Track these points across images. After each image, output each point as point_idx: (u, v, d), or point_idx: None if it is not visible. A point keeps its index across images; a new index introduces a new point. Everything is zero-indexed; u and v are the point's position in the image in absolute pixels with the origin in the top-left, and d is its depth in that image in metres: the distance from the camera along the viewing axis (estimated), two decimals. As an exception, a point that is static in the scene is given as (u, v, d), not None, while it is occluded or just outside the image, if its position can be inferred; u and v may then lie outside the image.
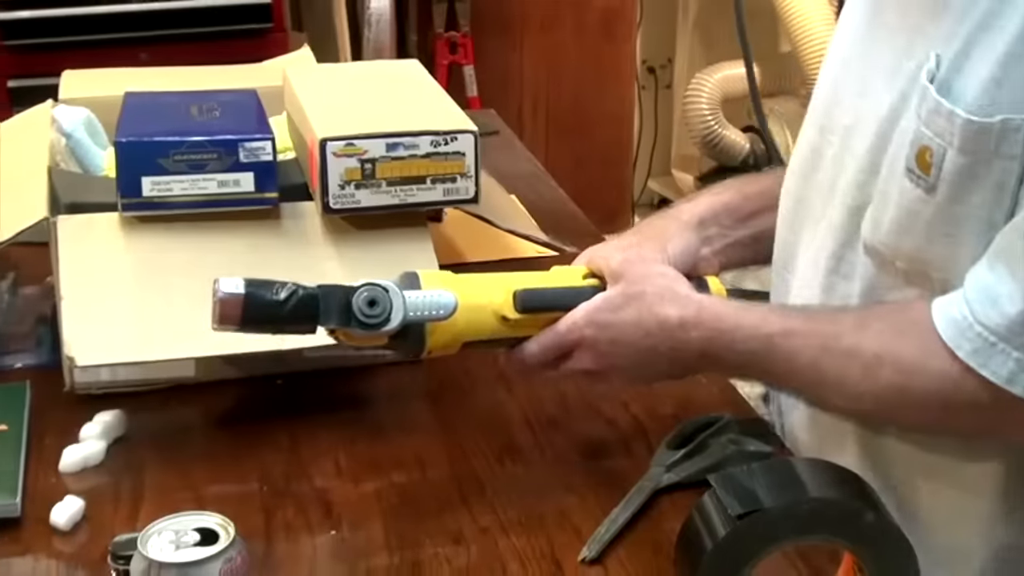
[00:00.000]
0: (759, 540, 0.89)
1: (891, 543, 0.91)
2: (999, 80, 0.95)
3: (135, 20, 3.02)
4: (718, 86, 3.86)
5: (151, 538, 0.87)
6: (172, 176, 1.23)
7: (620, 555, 1.06)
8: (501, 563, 1.05)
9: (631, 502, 1.11)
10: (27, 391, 1.26)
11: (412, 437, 1.24)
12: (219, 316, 0.99)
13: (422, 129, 1.25)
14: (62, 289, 1.20)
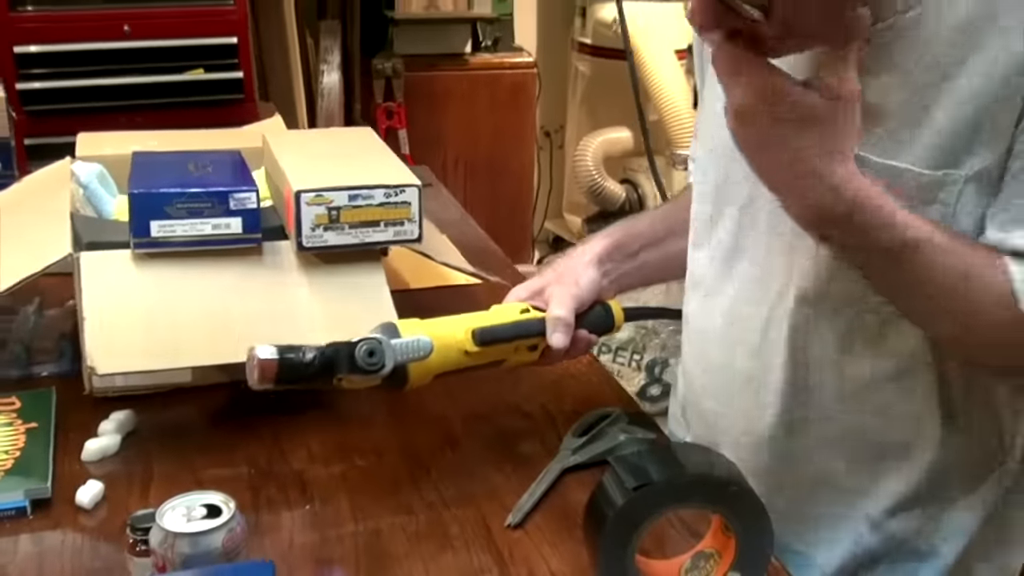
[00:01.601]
0: (649, 508, 0.89)
1: (751, 507, 0.90)
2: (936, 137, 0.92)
3: (133, 91, 2.95)
4: (600, 147, 3.85)
5: (166, 513, 0.86)
6: (175, 220, 1.20)
7: (537, 521, 1.06)
8: (444, 530, 1.04)
9: (544, 479, 1.11)
10: (52, 395, 1.23)
11: (370, 430, 1.22)
12: (258, 377, 0.98)
13: (377, 183, 1.23)
14: (84, 311, 1.16)
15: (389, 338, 1.02)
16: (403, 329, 1.04)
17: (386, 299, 1.25)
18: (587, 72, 4.02)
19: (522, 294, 1.17)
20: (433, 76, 3.70)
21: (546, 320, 1.11)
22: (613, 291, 1.21)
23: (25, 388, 1.25)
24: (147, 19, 3.04)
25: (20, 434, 1.14)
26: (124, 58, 3.02)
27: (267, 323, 1.21)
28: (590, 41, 3.95)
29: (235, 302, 1.22)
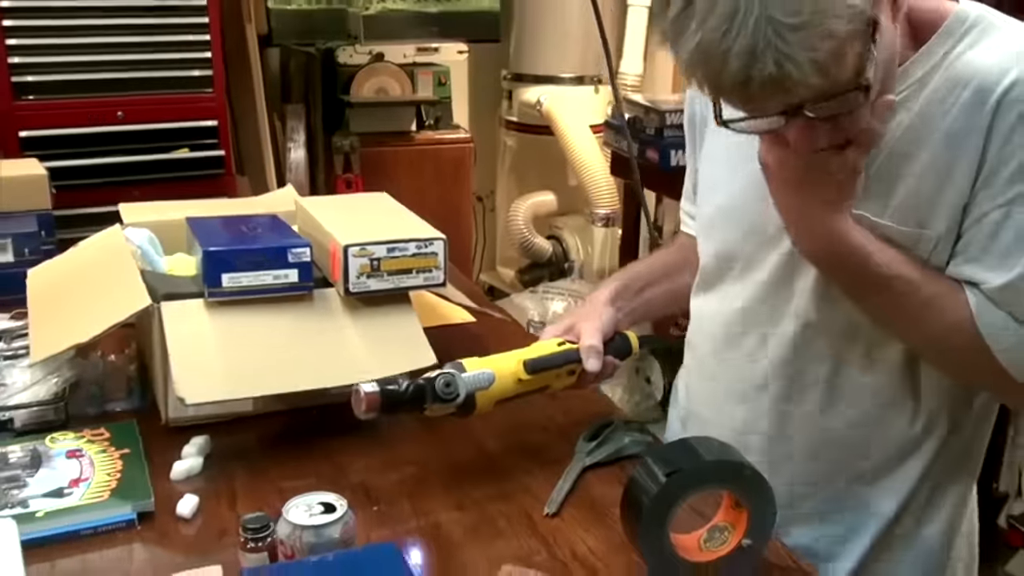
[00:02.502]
0: (679, 491, 0.93)
1: (758, 486, 0.96)
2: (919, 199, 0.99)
3: (127, 168, 2.95)
4: (529, 209, 3.87)
5: (291, 510, 0.89)
6: (242, 272, 1.22)
7: (569, 511, 1.10)
8: (493, 521, 1.08)
9: (569, 476, 1.15)
10: (135, 426, 1.24)
11: (412, 446, 1.25)
12: (364, 408, 1.04)
13: (410, 237, 1.28)
14: (169, 352, 1.17)
15: (459, 372, 1.08)
16: (467, 365, 1.10)
17: (420, 334, 1.29)
18: (513, 145, 4.07)
19: (555, 331, 1.23)
20: (384, 151, 3.69)
21: (581, 349, 1.17)
22: (627, 324, 1.28)
23: (102, 422, 1.25)
24: (138, 105, 3.04)
25: (116, 459, 1.15)
26: (118, 140, 3.02)
27: (321, 357, 1.25)
28: (516, 119, 4.00)
29: (293, 340, 1.25)
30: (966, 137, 0.96)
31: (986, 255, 0.98)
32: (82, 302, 1.32)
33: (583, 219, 3.83)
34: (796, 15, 0.79)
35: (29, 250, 1.67)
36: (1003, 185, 0.95)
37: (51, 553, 0.99)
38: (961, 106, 0.96)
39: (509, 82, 4.03)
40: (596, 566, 1.00)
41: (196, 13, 3.05)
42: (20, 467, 1.12)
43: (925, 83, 0.99)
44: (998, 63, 0.95)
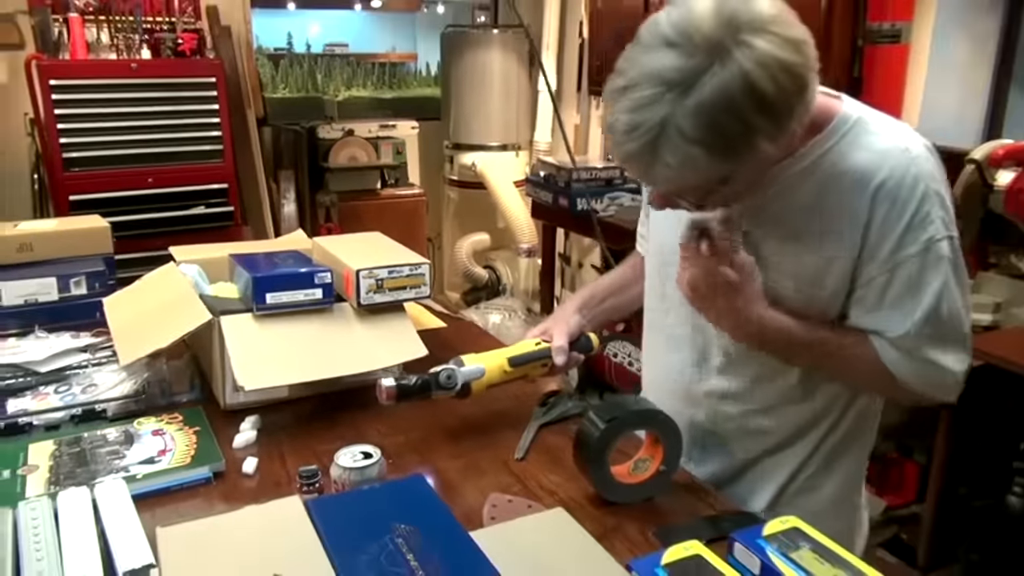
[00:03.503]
0: (615, 432, 1.01)
1: (671, 427, 1.04)
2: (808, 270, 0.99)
3: (156, 223, 2.95)
4: (469, 246, 3.92)
5: (340, 456, 0.94)
6: (281, 292, 1.26)
7: (533, 455, 1.16)
8: (478, 465, 1.13)
9: (529, 431, 1.21)
10: (201, 411, 1.26)
11: (414, 415, 1.26)
12: (385, 397, 1.10)
13: (404, 263, 1.33)
14: (229, 352, 1.20)
15: (458, 367, 1.14)
16: (466, 360, 1.16)
17: (413, 333, 1.34)
18: (455, 198, 4.13)
19: (534, 332, 1.26)
20: (357, 204, 3.72)
21: (552, 348, 1.21)
22: (591, 327, 1.27)
23: (173, 410, 1.27)
24: (164, 173, 3.05)
25: (191, 435, 1.18)
26: (149, 200, 3.02)
27: (340, 353, 1.28)
28: (457, 177, 4.07)
29: (319, 341, 1.29)
30: (850, 220, 0.95)
31: (880, 308, 0.98)
32: (154, 319, 1.33)
33: (511, 252, 3.91)
34: (669, 165, 0.84)
35: (99, 285, 1.67)
36: (885, 258, 0.95)
37: (151, 504, 1.01)
38: (843, 193, 0.95)
39: (450, 149, 4.09)
40: (557, 492, 1.06)
41: (209, 101, 3.07)
42: (118, 444, 1.14)
43: (812, 172, 0.97)
44: (872, 160, 0.94)
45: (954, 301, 0.97)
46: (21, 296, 1.60)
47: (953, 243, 0.96)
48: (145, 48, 3.09)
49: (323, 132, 3.70)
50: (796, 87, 0.83)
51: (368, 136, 3.80)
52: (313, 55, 5.27)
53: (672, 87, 0.81)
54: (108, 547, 0.85)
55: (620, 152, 0.87)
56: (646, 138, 0.83)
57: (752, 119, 0.82)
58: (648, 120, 0.82)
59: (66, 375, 1.33)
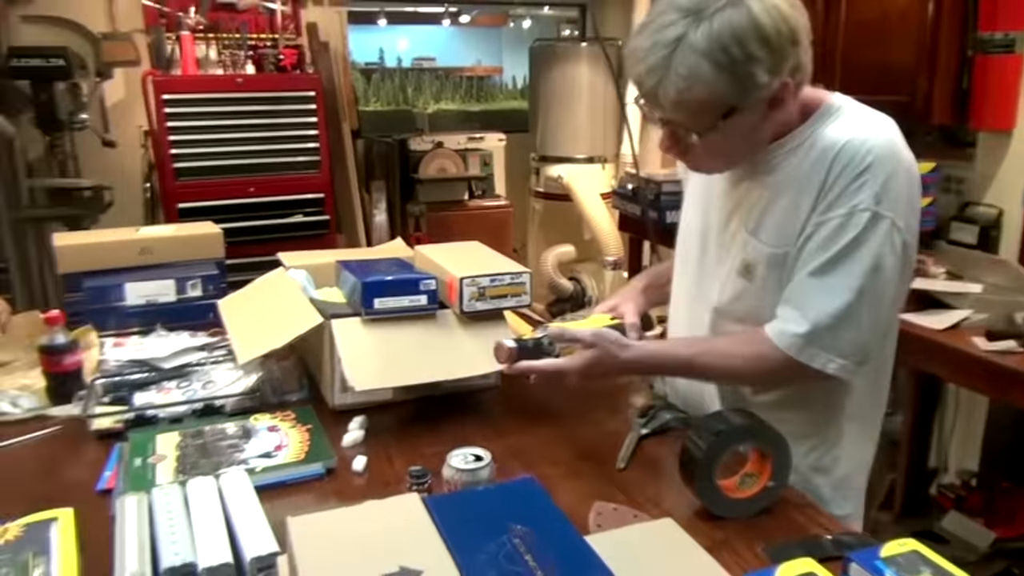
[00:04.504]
0: (722, 448, 1.00)
1: (778, 441, 1.03)
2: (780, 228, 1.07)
3: (257, 230, 3.07)
4: (555, 257, 3.93)
5: (452, 458, 0.96)
6: (388, 297, 1.31)
7: (634, 465, 1.16)
8: (580, 473, 1.14)
9: (630, 443, 1.21)
10: (312, 410, 1.31)
11: (512, 423, 1.30)
12: (505, 358, 1.13)
13: (506, 271, 1.36)
14: (340, 354, 1.24)
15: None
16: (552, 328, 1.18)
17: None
18: (541, 209, 4.15)
19: (603, 308, 1.32)
20: (445, 215, 3.79)
21: (625, 325, 1.24)
22: (648, 306, 1.36)
23: (284, 408, 1.32)
24: (265, 183, 3.18)
25: (303, 432, 1.23)
26: (250, 209, 3.14)
27: (442, 358, 1.32)
28: (542, 189, 4.10)
29: (422, 346, 1.33)
30: (810, 181, 1.05)
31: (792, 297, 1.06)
32: (268, 321, 1.40)
33: (596, 264, 3.90)
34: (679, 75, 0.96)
35: (212, 287, 1.76)
36: (819, 212, 1.04)
37: (269, 497, 1.03)
38: (811, 162, 1.05)
39: (537, 162, 4.13)
40: (661, 503, 1.07)
41: (307, 114, 3.19)
42: (236, 438, 1.20)
43: (795, 151, 1.07)
44: (840, 134, 1.04)
45: (849, 275, 1.02)
46: (143, 296, 1.71)
47: (877, 222, 1.01)
48: (249, 63, 3.25)
49: (414, 144, 3.78)
50: (791, 37, 0.99)
51: (457, 148, 3.87)
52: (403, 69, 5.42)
53: (688, 14, 0.96)
54: (234, 534, 0.90)
55: (636, 71, 1.00)
56: (662, 52, 0.97)
57: (754, 50, 0.96)
58: (666, 36, 0.97)
59: (186, 372, 1.41)
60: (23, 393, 1.36)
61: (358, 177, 3.58)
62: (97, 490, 1.10)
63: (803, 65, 1.02)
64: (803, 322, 1.04)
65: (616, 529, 0.93)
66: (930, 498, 2.45)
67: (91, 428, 1.26)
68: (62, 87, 2.88)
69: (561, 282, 3.94)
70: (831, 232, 1.03)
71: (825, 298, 1.03)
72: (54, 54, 2.81)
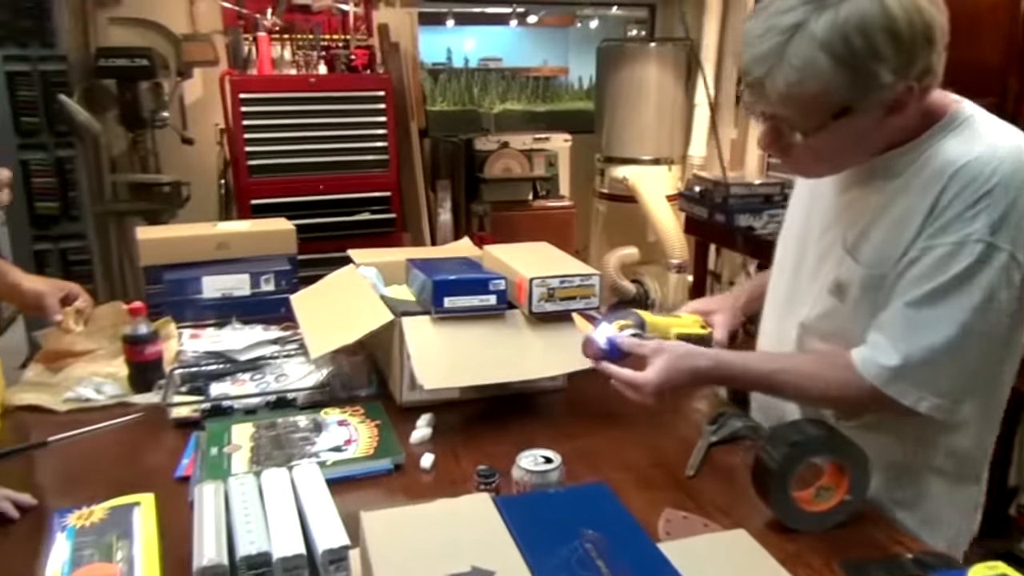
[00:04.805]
0: (798, 459, 0.97)
1: (857, 454, 0.99)
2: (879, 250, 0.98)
3: (326, 227, 3.12)
4: (617, 259, 3.90)
5: (522, 459, 0.96)
6: (457, 297, 1.31)
7: (704, 473, 1.14)
8: (650, 480, 1.12)
9: (700, 449, 1.19)
10: (381, 406, 1.32)
11: (579, 425, 1.29)
12: (592, 355, 1.13)
13: (576, 273, 1.35)
14: (410, 352, 1.25)
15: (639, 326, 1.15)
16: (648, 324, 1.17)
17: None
18: (604, 211, 4.12)
19: (694, 307, 1.28)
20: (509, 215, 3.78)
21: (714, 341, 1.22)
22: (747, 320, 1.31)
23: (353, 403, 1.34)
24: (334, 181, 3.23)
25: (372, 427, 1.24)
26: (319, 206, 3.20)
27: (511, 358, 1.32)
28: (607, 191, 4.07)
29: (491, 346, 1.33)
30: (921, 201, 0.95)
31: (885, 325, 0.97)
32: (339, 316, 1.42)
33: (660, 267, 3.85)
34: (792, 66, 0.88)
35: (284, 283, 1.80)
36: (932, 233, 0.94)
37: (338, 489, 1.05)
38: (925, 179, 0.96)
39: (601, 163, 4.10)
40: (732, 513, 1.04)
41: (377, 113, 3.23)
42: (308, 431, 1.23)
43: (914, 161, 0.97)
44: (963, 148, 0.94)
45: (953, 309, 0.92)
46: (219, 290, 1.75)
47: (992, 254, 0.91)
48: (322, 64, 3.31)
49: (479, 144, 3.79)
50: (925, 35, 0.89)
51: (522, 148, 3.86)
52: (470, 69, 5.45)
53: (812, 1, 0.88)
54: (306, 526, 0.92)
55: (748, 55, 0.92)
56: (778, 39, 0.89)
57: (880, 45, 0.87)
58: (783, 22, 0.89)
59: (260, 364, 1.44)
60: (107, 381, 1.41)
61: (424, 176, 3.61)
62: (175, 477, 1.13)
63: (934, 69, 0.92)
64: (894, 354, 0.95)
65: (687, 538, 0.92)
66: (1010, 518, 2.35)
67: (170, 416, 1.30)
68: (145, 86, 2.99)
69: (624, 284, 3.91)
70: (937, 261, 0.93)
71: (923, 331, 0.94)
72: (139, 54, 2.92)
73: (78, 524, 0.95)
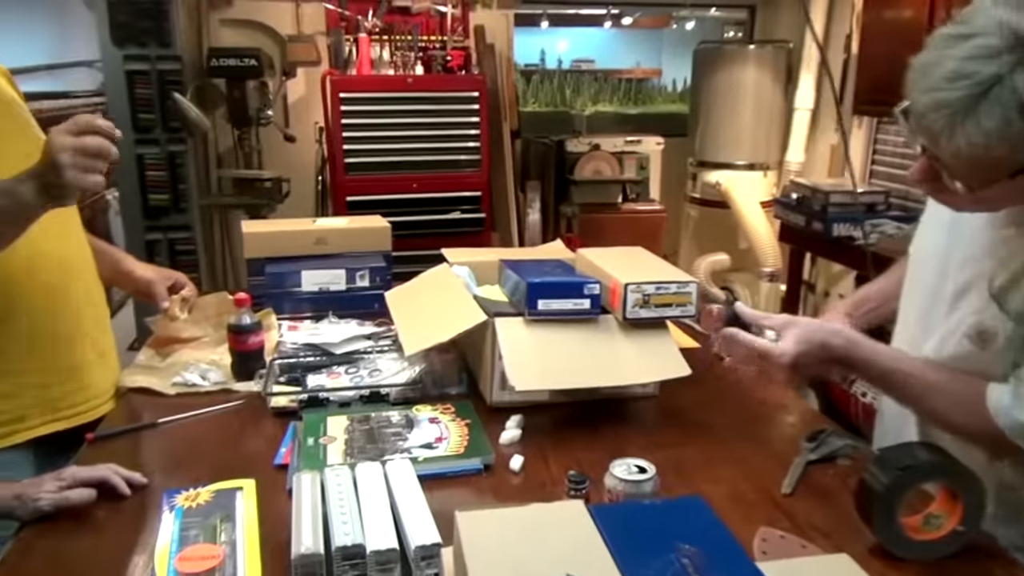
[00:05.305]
0: (906, 484, 0.93)
1: (972, 481, 0.94)
2: None
3: (418, 224, 3.17)
4: (708, 266, 3.85)
5: (615, 468, 0.95)
6: (552, 299, 1.30)
7: (801, 492, 1.10)
8: (743, 495, 1.09)
9: (797, 467, 1.15)
10: (471, 405, 1.33)
11: (670, 434, 1.27)
12: (717, 319, 1.12)
13: (673, 280, 1.32)
14: (503, 353, 1.25)
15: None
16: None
17: (676, 352, 1.32)
18: (695, 215, 4.06)
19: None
20: (598, 217, 3.76)
21: None
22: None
23: (443, 401, 1.35)
24: (427, 180, 3.27)
25: (463, 426, 1.25)
26: (412, 204, 3.25)
27: (603, 364, 1.30)
28: (698, 195, 4.00)
29: (583, 350, 1.31)
30: None
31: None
32: (434, 314, 1.44)
33: (751, 275, 3.76)
34: (980, 126, 0.79)
35: (379, 279, 1.83)
36: None
37: (427, 486, 1.07)
38: None
39: (694, 167, 4.04)
40: (831, 535, 1.00)
41: (471, 114, 3.26)
42: (400, 426, 1.24)
43: None
44: None
45: None
46: (316, 284, 1.80)
47: None
48: (419, 64, 3.36)
49: (571, 145, 3.79)
50: None
51: (613, 151, 3.84)
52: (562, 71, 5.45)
53: (1019, 46, 0.77)
54: (399, 521, 0.93)
55: (929, 99, 0.82)
56: (970, 91, 0.79)
57: None
58: (980, 72, 0.78)
59: (355, 358, 1.48)
60: (211, 367, 1.47)
61: (514, 177, 3.63)
62: (274, 464, 1.17)
63: None
64: None
65: (786, 560, 0.88)
66: None
67: (268, 405, 1.34)
68: (253, 85, 3.11)
69: (713, 291, 3.83)
70: None
71: None
72: (248, 55, 3.04)
73: (185, 505, 0.99)
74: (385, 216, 2.05)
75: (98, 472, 1.08)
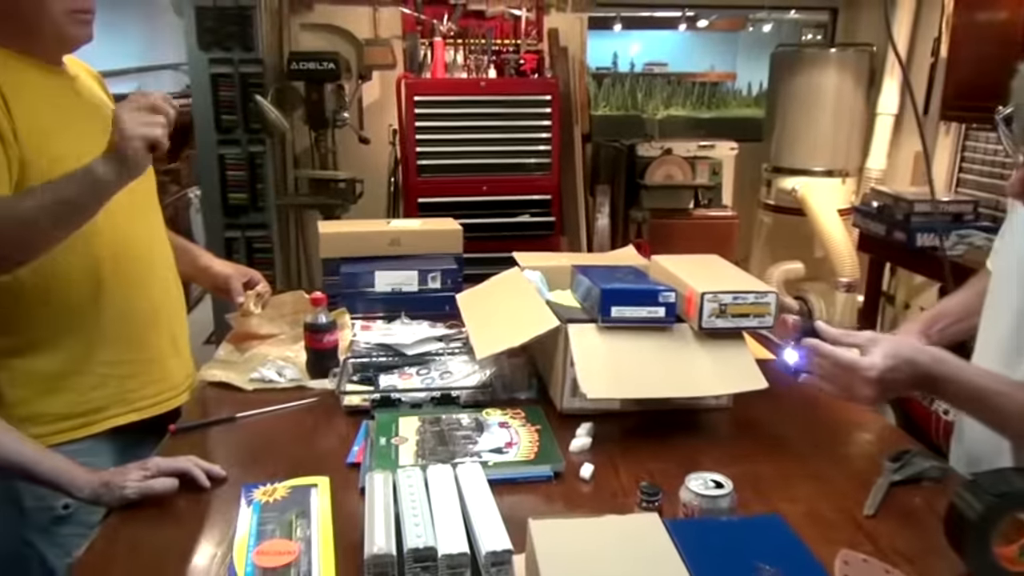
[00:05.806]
0: (1001, 512, 0.88)
1: None
2: None
3: (487, 227, 3.17)
4: (781, 274, 3.75)
5: (691, 481, 0.93)
6: (625, 307, 1.29)
7: (883, 515, 1.06)
8: (822, 515, 1.05)
9: (880, 487, 1.11)
10: (541, 411, 1.32)
11: (746, 447, 1.25)
12: (792, 329, 1.11)
13: (751, 289, 1.29)
14: (575, 359, 1.24)
15: None
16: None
17: (752, 363, 1.29)
18: (769, 222, 3.95)
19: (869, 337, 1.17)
20: (668, 223, 3.72)
21: None
22: None
23: (513, 406, 1.34)
24: (497, 182, 3.28)
25: (533, 432, 1.25)
26: (482, 206, 3.26)
27: (677, 374, 1.28)
28: (773, 202, 3.90)
29: (657, 359, 1.29)
30: None
31: None
32: (505, 318, 1.43)
33: (827, 285, 3.64)
34: None
35: (450, 281, 1.84)
36: None
37: (497, 491, 1.06)
38: None
39: (769, 172, 3.93)
40: (916, 561, 0.96)
41: (542, 117, 3.25)
42: (470, 429, 1.25)
43: None
44: None
45: None
46: (389, 285, 1.83)
47: None
48: (492, 68, 3.38)
49: (642, 150, 3.75)
50: None
51: (686, 155, 3.79)
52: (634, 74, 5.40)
53: None
54: (469, 525, 0.93)
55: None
56: None
57: None
58: None
59: (426, 360, 1.49)
60: (287, 364, 1.50)
61: (584, 181, 3.61)
62: (347, 463, 1.18)
63: None
64: None
65: (869, 585, 0.85)
66: None
67: (342, 403, 1.36)
68: (330, 88, 3.18)
69: (787, 301, 3.68)
70: None
71: None
72: (327, 58, 3.11)
73: (263, 499, 1.02)
74: (455, 218, 2.06)
75: (180, 463, 1.11)
